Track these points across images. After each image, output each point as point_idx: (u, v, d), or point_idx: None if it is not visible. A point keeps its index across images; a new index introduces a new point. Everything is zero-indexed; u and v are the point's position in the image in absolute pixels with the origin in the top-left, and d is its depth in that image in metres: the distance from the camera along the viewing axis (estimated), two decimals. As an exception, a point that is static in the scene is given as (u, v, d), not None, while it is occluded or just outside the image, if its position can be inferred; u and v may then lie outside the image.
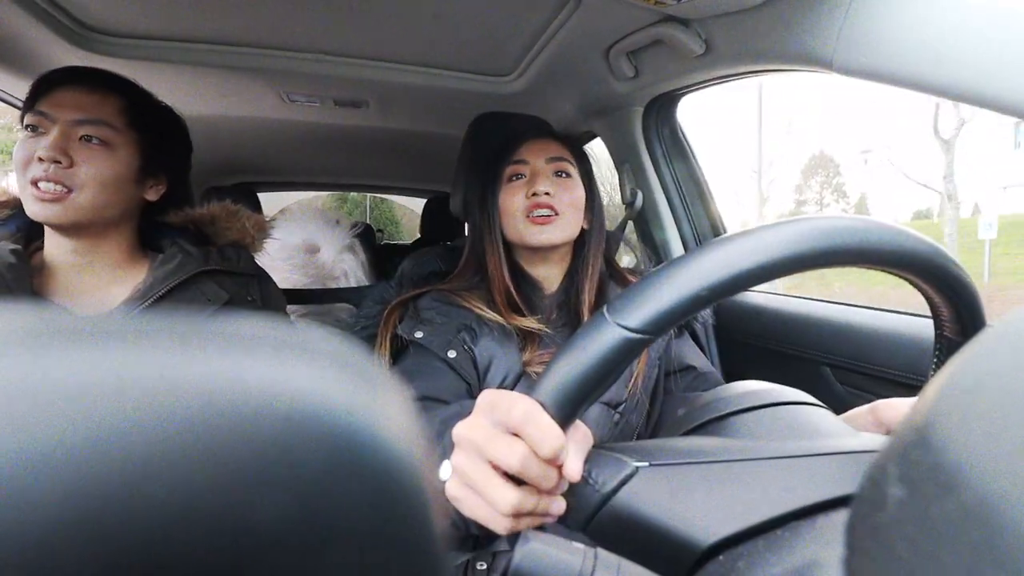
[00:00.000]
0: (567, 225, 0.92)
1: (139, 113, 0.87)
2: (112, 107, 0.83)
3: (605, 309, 0.37)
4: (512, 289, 0.92)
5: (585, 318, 0.89)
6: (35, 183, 0.78)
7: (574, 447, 0.38)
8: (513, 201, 0.92)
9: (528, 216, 0.90)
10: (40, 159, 0.77)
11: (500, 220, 0.95)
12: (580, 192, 0.95)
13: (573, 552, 0.32)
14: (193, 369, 0.12)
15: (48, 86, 0.82)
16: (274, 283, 1.06)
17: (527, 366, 0.85)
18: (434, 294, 0.92)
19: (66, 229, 0.83)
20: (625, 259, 1.33)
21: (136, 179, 0.87)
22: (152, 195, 0.91)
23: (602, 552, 0.32)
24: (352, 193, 10.33)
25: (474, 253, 0.98)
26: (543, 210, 0.90)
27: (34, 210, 0.79)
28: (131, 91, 0.88)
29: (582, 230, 0.97)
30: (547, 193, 0.90)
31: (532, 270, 0.97)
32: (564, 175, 0.94)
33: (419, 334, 0.85)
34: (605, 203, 1.04)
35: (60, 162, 0.78)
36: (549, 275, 0.98)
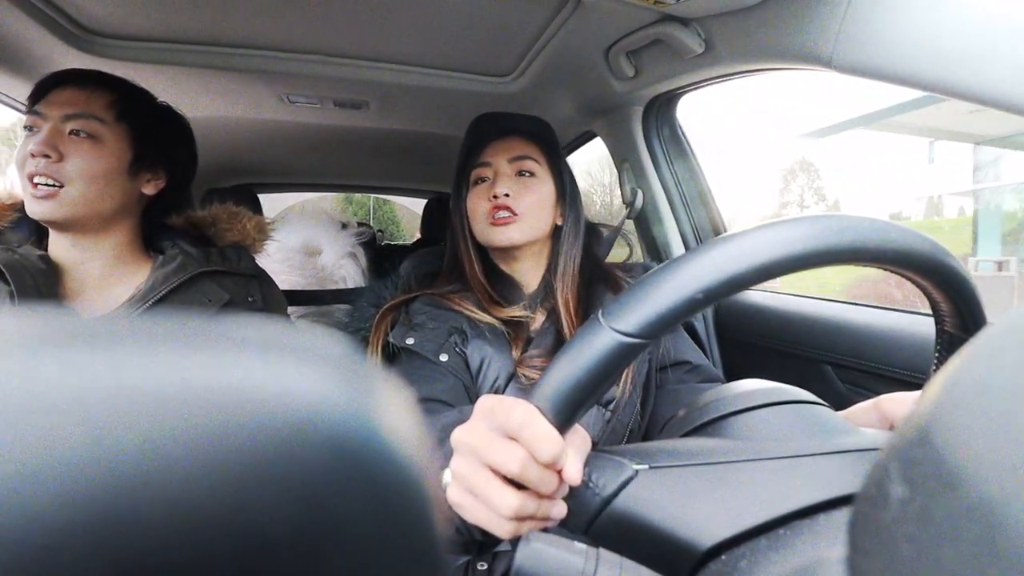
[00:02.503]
0: (529, 226, 0.92)
1: (129, 106, 0.87)
2: (101, 101, 0.84)
3: (600, 314, 0.37)
4: (489, 288, 0.94)
5: (563, 316, 0.90)
6: (31, 179, 0.79)
7: (573, 451, 0.38)
8: (478, 204, 0.94)
9: (490, 219, 0.92)
10: (32, 155, 0.78)
11: (469, 223, 0.96)
12: (546, 189, 0.95)
13: (575, 552, 0.32)
14: (195, 373, 0.12)
15: (44, 89, 0.83)
16: (275, 284, 1.07)
17: (518, 366, 0.85)
18: (424, 298, 0.93)
19: (62, 225, 0.83)
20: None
21: (129, 172, 0.87)
22: (150, 189, 0.91)
23: (604, 552, 0.32)
24: (356, 194, 10.35)
25: (453, 255, 1.00)
26: (502, 212, 0.91)
27: (32, 208, 0.80)
28: (121, 87, 0.88)
29: (556, 226, 0.98)
30: (507, 195, 0.91)
31: (508, 268, 0.98)
32: (527, 174, 0.94)
33: (410, 340, 0.86)
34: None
35: (49, 156, 0.78)
36: (527, 272, 0.98)
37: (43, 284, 0.79)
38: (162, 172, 0.92)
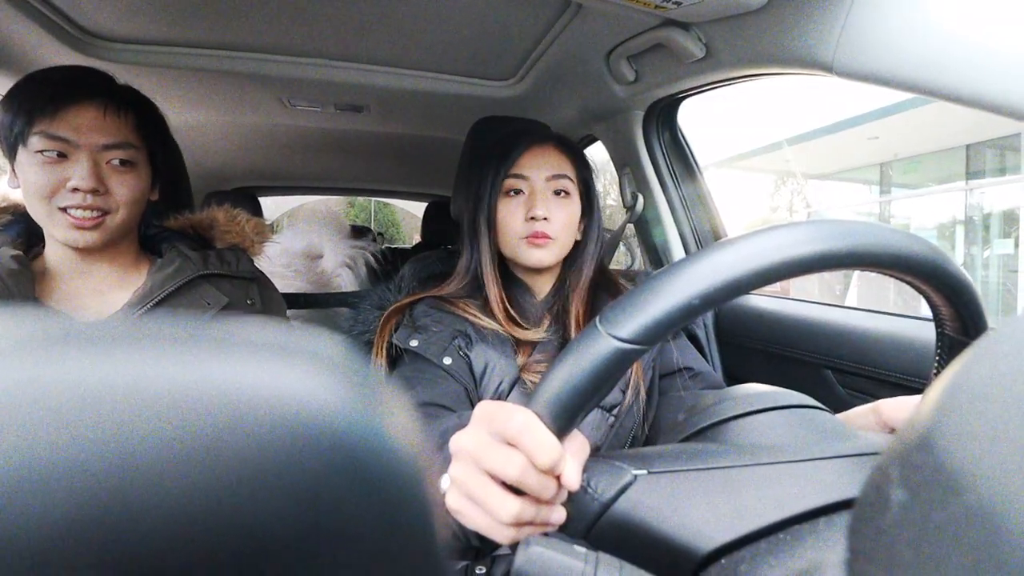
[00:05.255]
0: (560, 247, 0.91)
1: (147, 125, 0.85)
2: (131, 125, 0.82)
3: (598, 320, 0.37)
4: (504, 296, 0.92)
5: (572, 326, 0.89)
6: (65, 210, 0.77)
7: (571, 457, 0.38)
8: (512, 219, 0.91)
9: (526, 238, 0.90)
10: (76, 189, 0.76)
11: (496, 231, 0.93)
12: (576, 208, 0.93)
13: (575, 555, 0.32)
14: (196, 376, 0.12)
15: (58, 99, 0.76)
16: (274, 287, 1.06)
17: (522, 371, 0.85)
18: (429, 301, 0.92)
19: (101, 247, 0.82)
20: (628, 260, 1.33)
21: (151, 188, 0.88)
22: (155, 195, 0.91)
23: (604, 555, 0.32)
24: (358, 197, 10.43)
25: (469, 259, 0.97)
26: (540, 237, 0.89)
27: (71, 237, 0.78)
28: (140, 103, 0.86)
29: (575, 241, 0.96)
30: (545, 218, 0.89)
31: (524, 277, 0.97)
32: (563, 194, 0.92)
33: (414, 342, 0.85)
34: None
35: (98, 191, 0.77)
36: (541, 281, 0.98)
37: (15, 285, 0.77)
38: (156, 175, 0.91)
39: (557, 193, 0.92)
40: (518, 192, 0.92)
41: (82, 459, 0.10)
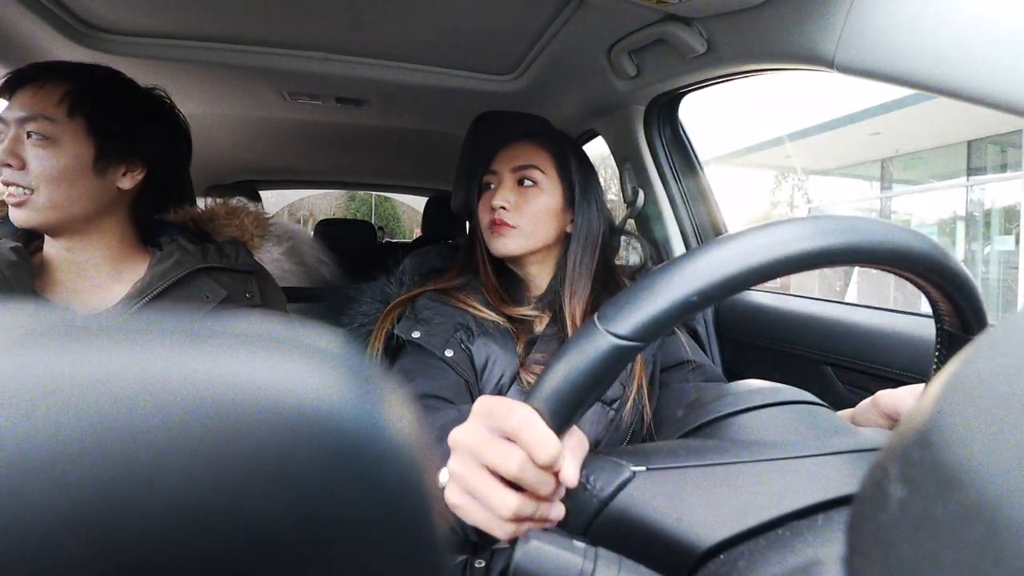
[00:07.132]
0: (526, 236, 0.92)
1: (82, 98, 0.81)
2: (51, 98, 0.79)
3: (596, 317, 0.37)
4: (499, 288, 0.95)
5: (568, 321, 0.89)
6: (7, 186, 0.78)
7: (570, 453, 0.38)
8: (482, 212, 0.95)
9: (489, 228, 0.93)
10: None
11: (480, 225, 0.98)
12: (548, 199, 0.93)
13: (574, 550, 0.32)
14: (194, 368, 0.12)
15: (9, 90, 0.80)
16: (273, 280, 1.06)
17: (522, 369, 0.85)
18: (431, 294, 0.93)
19: (43, 230, 0.82)
20: (633, 257, 1.33)
21: (95, 169, 0.82)
22: (127, 183, 0.86)
23: (603, 550, 0.32)
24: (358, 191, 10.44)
25: (467, 251, 1.01)
26: (499, 225, 0.92)
27: (10, 215, 0.79)
28: (75, 77, 0.82)
29: (566, 233, 0.97)
30: (503, 207, 0.91)
31: (518, 270, 0.99)
32: (529, 183, 0.93)
33: (416, 334, 0.86)
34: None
35: (11, 165, 0.76)
36: (536, 275, 0.98)
37: (15, 277, 0.77)
38: (138, 163, 0.87)
39: (522, 183, 0.94)
40: (490, 186, 0.96)
41: (81, 452, 0.10)
